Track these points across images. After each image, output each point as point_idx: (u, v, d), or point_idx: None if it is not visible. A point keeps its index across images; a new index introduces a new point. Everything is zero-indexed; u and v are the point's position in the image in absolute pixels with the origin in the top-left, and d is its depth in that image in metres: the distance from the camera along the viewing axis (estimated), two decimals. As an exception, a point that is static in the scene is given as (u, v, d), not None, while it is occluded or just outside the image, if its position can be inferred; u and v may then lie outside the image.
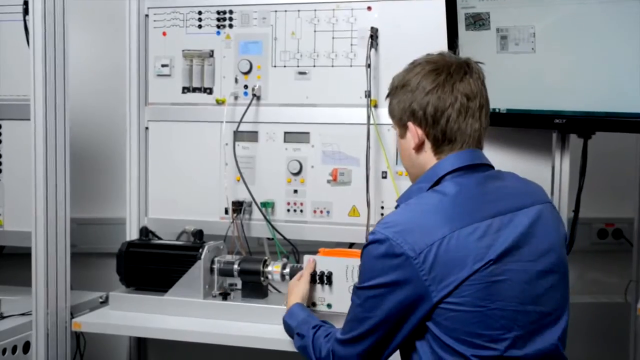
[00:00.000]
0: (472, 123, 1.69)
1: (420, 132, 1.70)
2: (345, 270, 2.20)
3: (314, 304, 2.23)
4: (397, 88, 1.75)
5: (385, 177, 2.54)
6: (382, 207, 2.55)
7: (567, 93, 2.15)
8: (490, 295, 1.56)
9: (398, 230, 1.58)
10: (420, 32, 2.47)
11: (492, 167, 1.75)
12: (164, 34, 2.75)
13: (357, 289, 1.67)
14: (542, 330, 1.63)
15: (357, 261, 1.81)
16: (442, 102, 1.67)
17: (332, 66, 2.59)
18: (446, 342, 1.57)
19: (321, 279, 2.21)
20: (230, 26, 2.67)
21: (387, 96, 1.79)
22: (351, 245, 2.71)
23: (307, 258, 2.24)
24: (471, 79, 1.69)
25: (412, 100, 1.70)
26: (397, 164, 2.52)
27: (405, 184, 2.44)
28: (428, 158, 1.72)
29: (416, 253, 1.56)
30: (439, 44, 2.30)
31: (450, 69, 1.69)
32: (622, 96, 2.02)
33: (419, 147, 1.72)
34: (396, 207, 1.74)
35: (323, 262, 2.23)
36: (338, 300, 2.20)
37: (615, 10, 1.98)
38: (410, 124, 1.71)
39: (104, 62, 3.14)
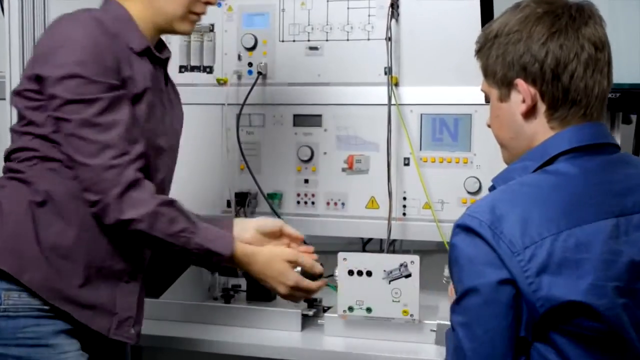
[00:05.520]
0: (600, 80, 1.37)
1: (533, 91, 1.37)
2: None
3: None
4: (497, 37, 1.40)
5: (407, 164, 2.35)
6: (405, 198, 2.36)
7: (621, 64, 1.90)
8: (616, 320, 1.27)
9: (496, 217, 1.29)
10: (448, -1, 2.29)
11: (618, 147, 1.43)
12: (159, 6, 2.56)
13: (453, 306, 1.35)
14: None
15: None
16: (565, 51, 1.34)
17: (347, 40, 2.41)
18: None
19: None
20: (233, -4, 2.51)
21: (479, 50, 1.46)
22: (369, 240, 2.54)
23: None
24: (596, 25, 1.39)
25: (523, 51, 1.36)
26: (420, 149, 2.34)
27: (431, 171, 2.32)
28: (539, 126, 1.39)
29: (520, 248, 1.26)
30: (470, 13, 2.16)
31: (571, 10, 1.38)
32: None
33: (530, 112, 1.39)
34: (490, 190, 1.45)
35: None
36: None
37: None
38: (520, 82, 1.38)
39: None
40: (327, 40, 2.42)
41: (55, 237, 1.71)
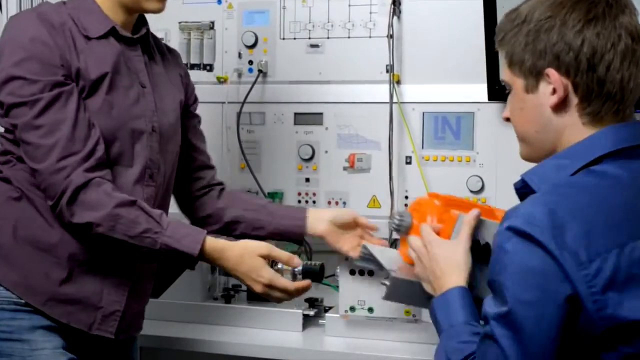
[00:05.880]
0: (636, 73, 1.27)
1: (565, 81, 1.28)
2: None
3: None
4: (525, 23, 1.30)
5: (409, 163, 2.34)
6: (406, 197, 2.34)
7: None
8: None
9: (557, 224, 1.17)
10: (450, -4, 2.28)
11: None
12: (158, 3, 2.53)
13: (498, 317, 1.22)
14: None
15: None
16: (602, 40, 1.25)
17: (349, 37, 2.39)
18: None
19: None
20: (233, -6, 2.49)
21: (503, 37, 1.35)
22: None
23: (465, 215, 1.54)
24: (632, 15, 1.28)
25: (557, 39, 1.26)
26: (422, 147, 2.32)
27: (433, 170, 2.29)
28: (569, 121, 1.29)
29: (586, 260, 1.16)
30: (472, 10, 2.16)
31: None
32: None
33: (560, 105, 1.29)
34: (519, 188, 1.34)
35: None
36: None
37: None
38: (551, 72, 1.28)
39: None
40: (328, 37, 2.40)
41: (37, 231, 1.67)
